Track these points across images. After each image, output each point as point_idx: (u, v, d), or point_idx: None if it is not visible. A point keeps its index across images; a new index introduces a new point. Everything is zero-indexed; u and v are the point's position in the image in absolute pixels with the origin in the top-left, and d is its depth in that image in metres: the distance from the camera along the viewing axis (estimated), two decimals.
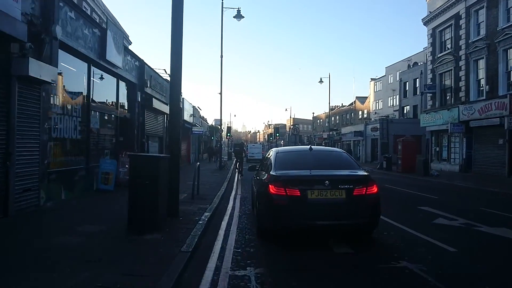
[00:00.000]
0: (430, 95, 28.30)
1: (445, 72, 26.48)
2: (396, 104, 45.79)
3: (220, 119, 29.11)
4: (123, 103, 14.62)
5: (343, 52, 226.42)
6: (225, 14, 30.57)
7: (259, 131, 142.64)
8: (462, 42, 24.10)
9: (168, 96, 9.66)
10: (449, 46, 26.01)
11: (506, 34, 19.91)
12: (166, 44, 7.90)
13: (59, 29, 8.35)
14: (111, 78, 13.08)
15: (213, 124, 56.85)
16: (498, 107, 19.98)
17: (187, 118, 29.12)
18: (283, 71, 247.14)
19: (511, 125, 18.62)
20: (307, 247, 6.02)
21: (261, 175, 7.50)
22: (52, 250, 5.26)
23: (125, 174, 11.43)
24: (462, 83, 24.11)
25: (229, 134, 42.22)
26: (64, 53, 9.58)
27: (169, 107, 8.02)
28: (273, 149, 8.27)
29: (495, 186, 15.34)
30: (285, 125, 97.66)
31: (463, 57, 23.97)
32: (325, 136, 56.89)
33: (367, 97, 58.95)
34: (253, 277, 4.60)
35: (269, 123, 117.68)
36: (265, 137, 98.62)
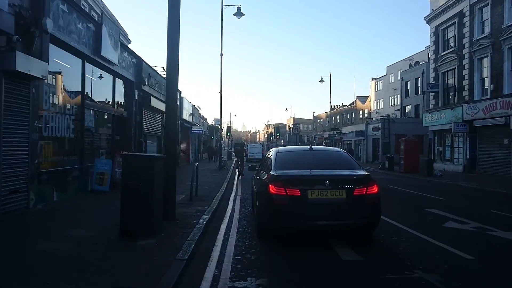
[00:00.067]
0: (433, 94, 27.90)
1: (448, 70, 26.08)
2: (397, 103, 45.44)
3: (220, 118, 28.72)
4: (120, 101, 14.20)
5: (343, 52, 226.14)
6: (225, 12, 30.20)
7: (259, 130, 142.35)
8: (466, 40, 23.70)
9: None
10: (452, 44, 25.62)
11: (511, 32, 19.50)
12: (165, 43, 7.46)
13: (50, 22, 7.93)
14: (107, 75, 12.66)
15: (213, 123, 56.56)
16: (503, 106, 19.60)
17: (186, 117, 28.75)
18: (283, 70, 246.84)
19: None
20: (313, 253, 5.61)
21: (261, 175, 7.43)
22: (33, 259, 4.85)
23: (121, 174, 10.98)
24: (465, 82, 23.71)
25: (229, 134, 41.88)
26: (56, 48, 9.18)
27: (165, 103, 7.60)
28: (273, 148, 8.17)
29: (501, 187, 14.95)
30: (285, 124, 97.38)
31: (466, 55, 23.58)
32: (325, 136, 56.52)
33: (368, 96, 58.60)
34: None
35: (269, 123, 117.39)
36: (265, 137, 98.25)
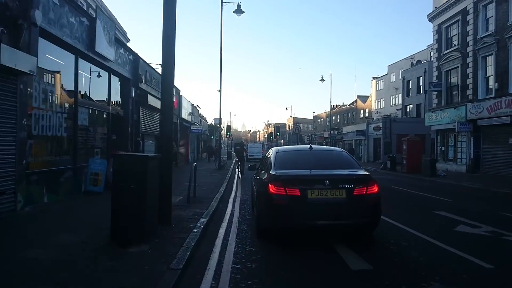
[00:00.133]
0: (436, 93, 27.48)
1: (452, 69, 25.65)
2: (399, 103, 45.01)
3: (220, 117, 28.29)
4: (116, 99, 13.77)
5: (344, 51, 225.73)
6: (225, 10, 29.77)
7: (259, 130, 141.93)
8: (469, 38, 23.28)
9: None
10: (455, 42, 25.20)
11: None
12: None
13: (38, 15, 7.51)
14: (102, 72, 12.22)
15: (213, 123, 56.18)
16: (508, 105, 19.21)
17: (185, 116, 28.33)
18: (283, 70, 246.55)
19: None
20: (318, 261, 5.20)
21: (261, 174, 7.35)
22: (13, 268, 4.43)
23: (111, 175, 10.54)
24: (469, 81, 23.29)
25: (229, 133, 41.50)
26: (47, 43, 8.76)
27: (160, 99, 7.18)
28: (273, 148, 8.11)
29: (507, 188, 14.52)
30: (285, 124, 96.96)
31: (470, 53, 23.17)
32: (326, 136, 56.07)
33: (368, 96, 58.17)
34: None
35: (269, 123, 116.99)
36: (265, 136, 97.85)
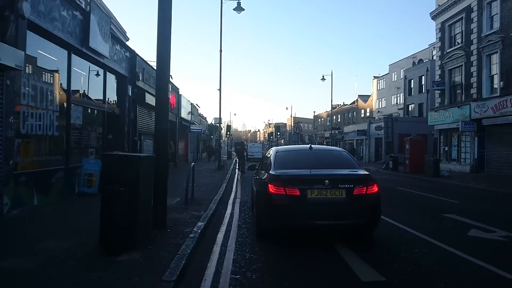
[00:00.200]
0: (439, 92, 27.04)
1: (455, 68, 25.22)
2: (400, 102, 44.57)
3: (220, 116, 27.88)
4: (112, 97, 13.34)
5: (344, 50, 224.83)
6: (225, 8, 29.35)
7: (259, 130, 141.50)
8: (473, 36, 22.85)
9: None
10: (459, 40, 24.77)
11: None
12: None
13: (27, 6, 7.10)
14: (97, 69, 11.80)
15: (213, 122, 55.78)
16: None
17: (184, 115, 27.92)
18: (283, 69, 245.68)
19: None
20: (325, 270, 4.79)
21: (260, 174, 7.31)
22: None
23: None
24: (473, 79, 22.87)
25: (229, 133, 41.06)
26: (38, 37, 8.34)
27: (155, 96, 6.76)
28: (273, 148, 8.08)
29: None
30: (285, 124, 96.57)
31: (474, 51, 22.73)
32: (327, 135, 55.65)
33: (369, 95, 57.73)
34: None
35: (269, 122, 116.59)
36: (265, 136, 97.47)
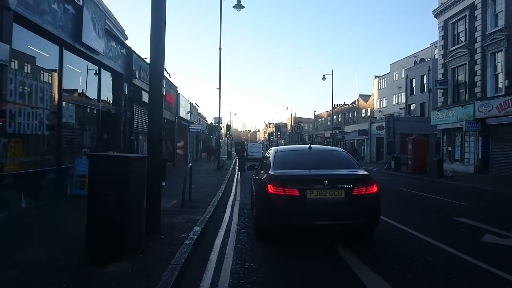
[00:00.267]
0: (442, 91, 26.64)
1: (459, 66, 24.82)
2: (402, 101, 44.14)
3: (219, 116, 27.46)
4: (107, 96, 12.91)
5: (345, 50, 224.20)
6: (224, 8, 28.93)
7: (259, 130, 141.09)
8: (477, 34, 22.44)
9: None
10: (462, 38, 24.37)
11: None
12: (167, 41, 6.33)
13: None
14: (91, 66, 11.38)
15: (212, 122, 55.37)
16: None
17: (183, 115, 27.48)
18: (284, 69, 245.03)
19: None
20: (331, 281, 4.37)
21: (260, 174, 7.28)
22: None
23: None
24: (477, 78, 22.47)
25: (228, 133, 40.63)
26: (26, 31, 7.92)
27: (148, 92, 6.34)
28: (272, 148, 8.05)
29: None
30: (286, 124, 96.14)
31: (478, 50, 22.34)
32: (327, 135, 55.24)
33: (370, 95, 57.30)
34: None
35: (269, 122, 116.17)
36: (266, 136, 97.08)
